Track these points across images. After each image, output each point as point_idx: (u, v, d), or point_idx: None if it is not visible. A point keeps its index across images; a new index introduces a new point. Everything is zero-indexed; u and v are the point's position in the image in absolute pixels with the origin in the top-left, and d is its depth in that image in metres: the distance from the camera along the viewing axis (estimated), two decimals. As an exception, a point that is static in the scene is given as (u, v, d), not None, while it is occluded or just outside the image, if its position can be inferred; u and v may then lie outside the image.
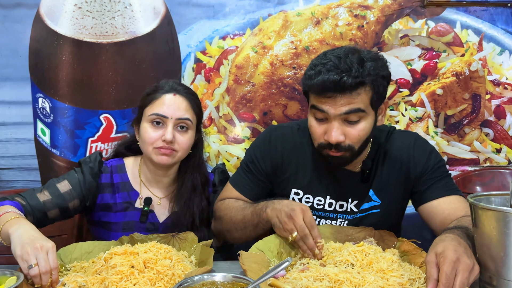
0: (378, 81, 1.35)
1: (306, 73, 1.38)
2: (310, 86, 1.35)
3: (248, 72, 2.34)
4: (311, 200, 1.52)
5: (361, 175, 1.51)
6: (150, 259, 1.19)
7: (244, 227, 1.46)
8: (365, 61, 1.33)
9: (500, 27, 2.39)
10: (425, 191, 1.48)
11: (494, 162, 2.43)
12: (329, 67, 1.32)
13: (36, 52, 2.26)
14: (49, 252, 1.14)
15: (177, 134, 1.54)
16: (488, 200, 1.18)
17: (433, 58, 2.39)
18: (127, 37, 2.24)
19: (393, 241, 1.38)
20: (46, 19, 2.23)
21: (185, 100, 1.57)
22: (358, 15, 2.35)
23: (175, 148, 1.54)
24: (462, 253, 1.08)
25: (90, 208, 1.61)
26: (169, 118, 1.53)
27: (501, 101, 2.42)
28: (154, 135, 1.53)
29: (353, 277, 1.13)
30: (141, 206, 1.61)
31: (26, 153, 2.33)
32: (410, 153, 1.52)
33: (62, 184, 1.55)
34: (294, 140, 1.56)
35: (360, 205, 1.52)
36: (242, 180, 1.58)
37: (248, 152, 1.61)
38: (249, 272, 1.16)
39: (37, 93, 2.29)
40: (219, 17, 2.33)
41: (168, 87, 1.59)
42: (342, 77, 1.29)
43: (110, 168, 1.63)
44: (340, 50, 1.36)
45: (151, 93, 1.59)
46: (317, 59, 1.38)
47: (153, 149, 1.54)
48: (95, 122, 2.29)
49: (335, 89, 1.30)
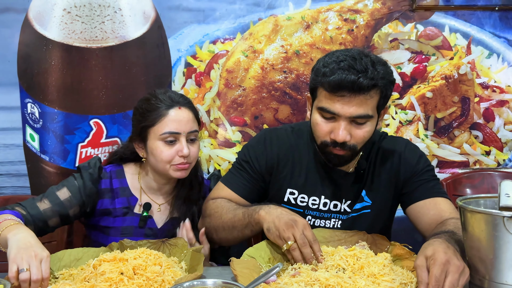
0: (387, 86, 1.37)
1: (320, 70, 1.36)
2: (325, 83, 1.34)
3: (238, 76, 2.34)
4: (306, 200, 1.52)
5: (355, 176, 1.53)
6: (139, 266, 1.18)
7: (232, 226, 1.44)
8: (377, 64, 1.35)
9: (488, 30, 2.42)
10: (412, 192, 1.51)
11: (484, 164, 2.45)
12: (345, 66, 1.32)
13: (24, 57, 2.24)
14: (43, 261, 1.13)
15: (190, 147, 1.55)
16: (477, 203, 1.19)
17: (422, 62, 2.40)
18: (117, 42, 2.23)
19: (386, 245, 1.38)
20: (35, 23, 2.21)
21: (189, 111, 1.56)
22: (348, 19, 2.37)
23: (189, 161, 1.55)
24: (452, 255, 1.09)
25: (90, 214, 1.60)
26: (182, 134, 1.53)
27: (489, 104, 2.44)
28: (170, 153, 1.53)
29: (344, 281, 1.13)
30: (140, 212, 1.61)
31: (15, 159, 2.31)
32: (401, 155, 1.54)
33: (61, 192, 1.54)
34: (290, 141, 1.56)
35: (353, 205, 1.53)
36: (235, 178, 1.56)
37: (242, 152, 1.60)
38: (240, 278, 1.15)
39: (26, 98, 2.27)
40: (210, 22, 2.32)
41: (169, 100, 1.55)
42: (359, 77, 1.30)
43: (109, 174, 1.63)
44: (353, 51, 1.37)
45: (151, 110, 1.55)
46: (328, 57, 1.38)
47: (170, 166, 1.54)
48: (85, 127, 2.27)
49: (351, 88, 1.31)
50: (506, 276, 1.04)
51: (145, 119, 1.55)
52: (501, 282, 1.05)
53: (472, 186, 2.23)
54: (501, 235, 1.03)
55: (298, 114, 2.37)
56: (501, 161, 2.46)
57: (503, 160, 2.46)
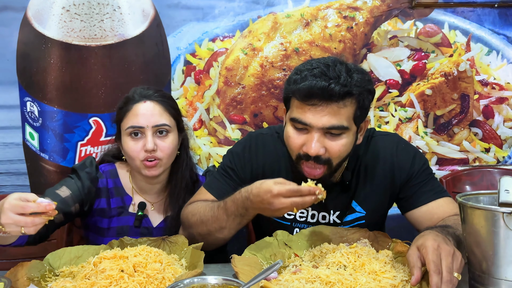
0: (364, 95, 1.30)
1: (291, 77, 1.32)
2: (295, 91, 1.29)
3: (238, 74, 2.34)
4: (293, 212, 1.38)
5: (341, 186, 1.47)
6: (140, 263, 1.18)
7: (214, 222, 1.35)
8: (353, 72, 1.29)
9: (488, 27, 2.42)
10: (412, 197, 1.45)
11: (483, 161, 2.45)
12: (317, 73, 1.26)
13: (23, 56, 2.24)
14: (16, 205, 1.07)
15: (158, 141, 1.52)
16: (476, 199, 1.19)
17: (421, 59, 2.40)
18: (116, 40, 2.23)
19: (387, 242, 1.38)
20: (33, 22, 2.21)
21: (157, 104, 1.54)
22: (347, 16, 2.36)
23: (159, 156, 1.52)
24: (441, 241, 1.11)
25: (87, 213, 1.60)
26: (146, 127, 1.51)
27: (489, 101, 2.44)
28: (136, 148, 1.52)
29: (345, 278, 1.13)
30: (135, 211, 1.61)
31: (14, 157, 2.31)
32: (394, 160, 1.47)
33: (61, 190, 1.53)
34: (276, 150, 1.51)
35: (343, 217, 1.49)
36: (218, 183, 1.50)
37: (227, 158, 1.55)
38: (241, 275, 1.15)
39: (25, 97, 2.27)
40: (209, 19, 2.32)
41: (138, 95, 1.55)
42: (330, 83, 1.24)
43: (104, 173, 1.63)
44: (328, 59, 1.31)
45: (123, 106, 1.56)
46: (303, 65, 1.33)
47: (140, 162, 1.53)
48: (85, 126, 2.27)
49: (322, 96, 1.25)
50: (506, 272, 1.05)
51: (117, 115, 1.57)
52: (501, 278, 1.05)
53: (471, 183, 2.23)
54: (501, 231, 1.03)
55: (297, 112, 2.37)
56: (500, 158, 2.46)
57: (502, 157, 2.46)
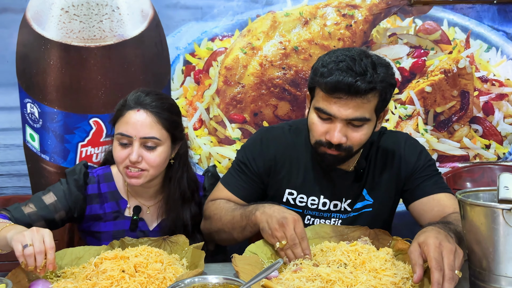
0: (387, 89, 1.34)
1: (318, 69, 1.34)
2: (322, 84, 1.32)
3: (237, 73, 2.34)
4: (305, 200, 1.52)
5: (355, 175, 1.51)
6: (140, 263, 1.19)
7: (232, 228, 1.44)
8: (378, 67, 1.32)
9: (487, 24, 2.41)
10: (415, 189, 1.50)
11: (484, 158, 2.45)
12: (343, 67, 1.29)
13: (23, 57, 2.24)
14: (45, 235, 1.16)
15: (144, 153, 1.46)
16: (476, 196, 1.19)
17: (421, 56, 2.40)
18: (115, 41, 2.22)
19: (388, 240, 1.38)
20: (33, 23, 2.21)
21: (149, 115, 1.46)
22: (346, 14, 2.36)
23: (144, 168, 1.48)
24: (443, 238, 1.11)
25: (79, 219, 1.58)
26: (133, 138, 1.45)
27: (489, 98, 2.43)
28: (121, 155, 1.47)
29: (346, 277, 1.13)
30: (130, 215, 1.59)
31: (15, 159, 2.31)
32: (401, 152, 1.52)
33: (47, 196, 1.52)
34: (287, 141, 1.55)
35: (354, 204, 1.52)
36: (234, 180, 1.55)
37: (240, 153, 1.59)
38: (242, 274, 1.15)
39: (25, 98, 2.27)
40: (208, 19, 2.32)
41: (133, 102, 1.48)
42: (357, 80, 1.27)
43: (96, 178, 1.60)
44: (353, 51, 1.33)
45: (119, 109, 1.52)
46: (328, 56, 1.35)
47: (123, 168, 1.49)
48: (85, 127, 2.27)
49: (348, 91, 1.28)
50: (506, 268, 1.05)
51: (113, 117, 1.54)
52: (501, 274, 1.06)
53: (472, 180, 2.23)
54: (501, 228, 1.03)
55: (297, 111, 2.37)
56: (501, 155, 2.46)
57: (503, 153, 2.46)
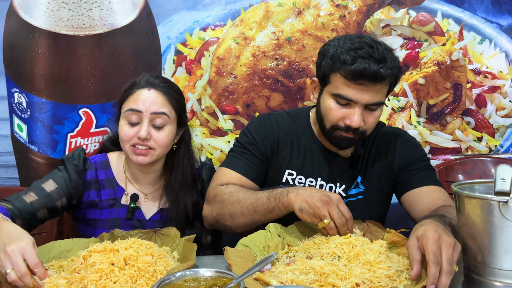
0: (399, 73, 1.42)
1: (338, 56, 1.37)
2: (345, 71, 1.35)
3: (230, 63, 2.31)
4: (303, 181, 1.55)
5: (351, 161, 1.56)
6: (130, 256, 1.16)
7: (254, 211, 1.40)
8: (392, 53, 1.39)
9: (480, 16, 2.40)
10: (407, 180, 1.53)
11: (476, 150, 2.46)
12: (364, 55, 1.33)
13: (10, 46, 2.19)
14: (25, 252, 1.09)
15: (153, 131, 1.49)
16: (471, 188, 1.18)
17: (414, 48, 2.39)
18: (105, 29, 2.18)
19: (381, 232, 1.37)
20: (20, 11, 2.16)
21: (160, 94, 1.52)
22: (339, 5, 2.34)
23: (152, 146, 1.50)
24: (442, 232, 1.11)
25: (76, 206, 1.57)
26: (144, 113, 1.48)
27: (481, 90, 2.43)
28: (130, 132, 1.49)
29: (339, 269, 1.12)
30: (127, 203, 1.58)
31: (3, 150, 2.28)
32: (396, 146, 1.58)
33: (47, 184, 1.51)
34: (288, 125, 1.60)
35: (348, 190, 1.56)
36: (241, 162, 1.54)
37: (245, 135, 1.59)
38: (235, 267, 1.14)
39: (12, 88, 2.22)
40: (200, 8, 2.29)
41: (144, 82, 1.53)
42: (380, 67, 1.33)
43: (94, 165, 1.60)
44: (367, 38, 1.39)
45: (128, 89, 1.55)
46: (343, 41, 1.39)
47: (129, 147, 1.50)
48: (74, 117, 2.23)
49: (372, 78, 1.33)
50: (501, 261, 1.04)
51: (121, 97, 1.56)
52: (497, 267, 1.05)
53: (464, 172, 2.24)
54: (497, 220, 1.03)
55: (290, 102, 2.35)
56: (493, 147, 2.46)
57: (495, 146, 2.47)
